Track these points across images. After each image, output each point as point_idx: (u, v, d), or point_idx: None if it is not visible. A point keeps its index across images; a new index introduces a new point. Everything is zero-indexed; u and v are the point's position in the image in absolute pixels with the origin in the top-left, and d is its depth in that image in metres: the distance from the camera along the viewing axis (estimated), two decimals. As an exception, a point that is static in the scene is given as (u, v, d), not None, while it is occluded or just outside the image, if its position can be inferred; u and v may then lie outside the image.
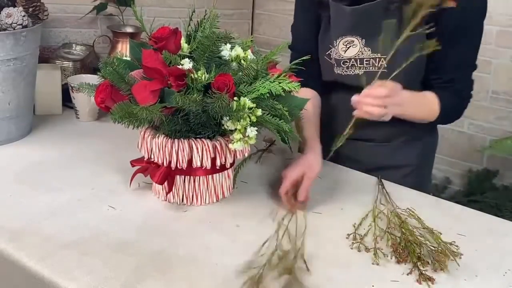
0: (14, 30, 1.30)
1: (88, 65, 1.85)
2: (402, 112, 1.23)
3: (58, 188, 1.17)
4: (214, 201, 1.15)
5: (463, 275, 0.95)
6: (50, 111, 1.59)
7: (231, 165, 1.15)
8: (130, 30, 1.96)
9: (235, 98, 1.00)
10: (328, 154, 1.51)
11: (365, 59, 1.30)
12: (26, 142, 1.41)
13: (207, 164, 1.07)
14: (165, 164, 1.07)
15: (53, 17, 1.88)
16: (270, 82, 1.03)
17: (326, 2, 1.32)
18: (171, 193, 1.11)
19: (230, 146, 1.03)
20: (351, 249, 1.01)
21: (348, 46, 1.31)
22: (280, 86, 1.02)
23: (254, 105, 1.00)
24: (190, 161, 1.07)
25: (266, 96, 1.02)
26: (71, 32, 2.06)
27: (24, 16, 1.32)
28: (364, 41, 1.29)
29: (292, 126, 1.05)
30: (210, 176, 1.11)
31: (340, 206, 1.17)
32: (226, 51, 1.07)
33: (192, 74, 1.00)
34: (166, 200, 1.13)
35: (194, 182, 1.11)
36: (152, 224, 1.06)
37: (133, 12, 1.11)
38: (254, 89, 1.03)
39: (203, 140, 1.06)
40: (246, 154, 1.13)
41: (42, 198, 1.13)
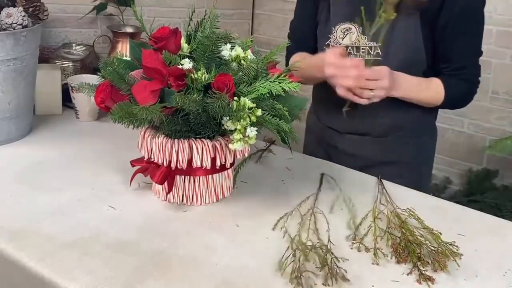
0: (14, 30, 1.30)
1: (88, 65, 1.85)
2: (399, 95, 1.31)
3: (58, 188, 1.17)
4: (214, 201, 1.15)
5: (463, 275, 0.95)
6: (50, 111, 1.59)
7: (231, 165, 1.15)
8: (130, 30, 1.96)
9: (235, 98, 0.99)
10: (326, 153, 1.52)
11: (361, 47, 1.32)
12: (26, 142, 1.41)
13: (207, 164, 1.07)
14: (165, 164, 1.07)
15: (53, 17, 1.89)
16: (270, 82, 1.03)
17: None
18: (171, 193, 1.11)
19: (230, 146, 1.03)
20: (351, 249, 1.01)
21: (345, 33, 1.35)
22: (280, 86, 1.02)
23: (254, 105, 1.00)
24: (190, 161, 1.07)
25: (266, 96, 1.02)
26: (71, 32, 2.06)
27: (24, 16, 1.32)
28: (361, 28, 1.33)
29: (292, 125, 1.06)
30: (210, 176, 1.11)
31: (340, 206, 1.17)
32: (226, 51, 1.07)
33: (192, 74, 1.00)
34: (166, 200, 1.13)
35: (194, 182, 1.11)
36: (152, 224, 1.06)
37: (133, 12, 1.12)
38: (254, 89, 1.02)
39: (203, 140, 1.06)
40: (246, 154, 1.13)
41: (42, 198, 1.13)
